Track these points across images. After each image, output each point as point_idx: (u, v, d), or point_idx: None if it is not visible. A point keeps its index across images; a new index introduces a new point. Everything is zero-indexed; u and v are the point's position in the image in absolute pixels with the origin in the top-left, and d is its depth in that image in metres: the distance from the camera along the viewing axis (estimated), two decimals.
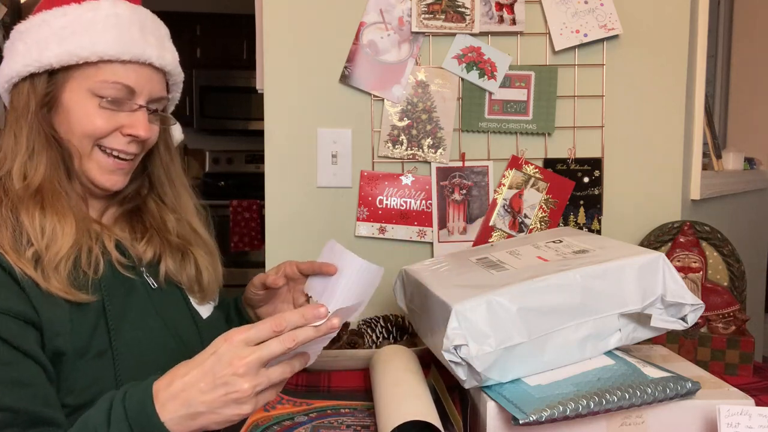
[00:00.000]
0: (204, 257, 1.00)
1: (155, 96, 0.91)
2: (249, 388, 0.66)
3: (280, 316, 0.69)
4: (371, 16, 1.42)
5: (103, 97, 0.85)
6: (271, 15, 1.43)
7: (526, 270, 0.95)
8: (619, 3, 1.42)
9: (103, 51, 0.84)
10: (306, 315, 0.69)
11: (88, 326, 0.82)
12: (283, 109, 1.44)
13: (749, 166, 2.35)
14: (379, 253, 1.43)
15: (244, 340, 0.68)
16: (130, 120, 0.88)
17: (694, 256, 1.35)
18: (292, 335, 0.68)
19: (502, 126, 1.44)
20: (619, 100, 1.46)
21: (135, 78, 0.87)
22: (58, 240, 0.81)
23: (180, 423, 0.68)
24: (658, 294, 0.91)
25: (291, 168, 1.46)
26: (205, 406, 0.67)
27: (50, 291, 0.79)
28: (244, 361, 0.66)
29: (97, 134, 0.86)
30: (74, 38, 0.83)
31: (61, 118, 0.86)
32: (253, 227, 3.80)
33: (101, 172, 0.89)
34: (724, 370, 1.20)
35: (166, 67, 0.91)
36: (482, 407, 0.86)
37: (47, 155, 0.85)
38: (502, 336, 0.85)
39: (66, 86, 0.85)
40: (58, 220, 0.82)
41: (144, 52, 0.87)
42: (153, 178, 0.99)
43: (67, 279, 0.81)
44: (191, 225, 1.01)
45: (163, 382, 0.70)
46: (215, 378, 0.67)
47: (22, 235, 0.80)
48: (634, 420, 0.84)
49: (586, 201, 1.46)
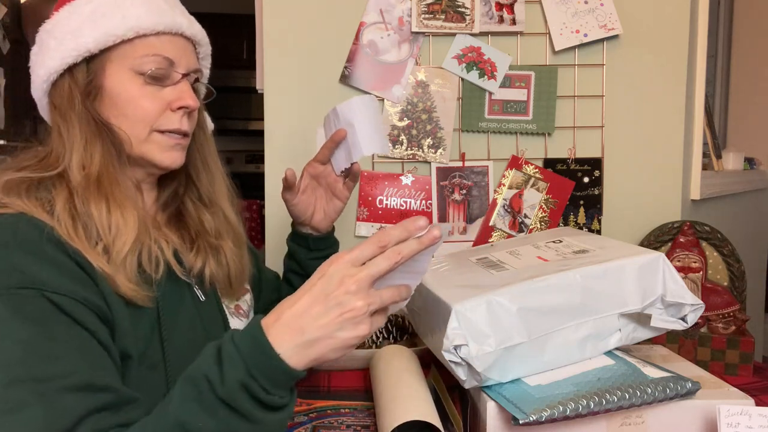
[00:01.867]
0: (231, 249, 0.97)
1: (192, 67, 0.90)
2: (363, 306, 0.63)
3: (383, 232, 0.66)
4: (371, 16, 1.42)
5: (144, 73, 0.84)
6: (271, 15, 1.43)
7: (526, 270, 0.95)
8: (619, 3, 1.42)
9: (137, 25, 0.83)
10: (408, 227, 0.66)
11: (143, 333, 0.80)
12: (283, 109, 1.44)
13: (749, 166, 2.35)
14: None
15: (350, 260, 0.65)
16: (175, 93, 0.87)
17: (694, 256, 1.35)
18: (397, 249, 0.65)
19: (502, 126, 1.44)
20: (619, 100, 1.46)
21: (171, 48, 0.86)
22: (122, 233, 0.80)
23: (296, 353, 0.64)
24: (658, 294, 0.91)
25: (291, 167, 1.46)
26: (321, 331, 0.64)
27: (118, 288, 0.77)
28: (355, 278, 0.64)
29: (148, 117, 0.85)
30: (106, 19, 0.83)
31: (108, 104, 0.85)
32: (253, 227, 3.80)
33: (161, 151, 0.87)
34: (724, 370, 1.20)
35: (196, 35, 0.91)
36: (482, 407, 0.86)
37: (100, 144, 0.83)
38: (502, 336, 0.85)
39: (106, 70, 0.84)
40: (121, 212, 0.81)
41: (174, 21, 0.86)
42: (188, 162, 0.96)
43: (134, 275, 0.79)
44: (224, 213, 0.99)
45: (271, 317, 0.66)
46: (327, 300, 0.64)
47: (92, 229, 0.79)
48: (634, 420, 0.84)
49: (586, 201, 1.46)
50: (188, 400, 0.64)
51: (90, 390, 0.67)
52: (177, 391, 0.66)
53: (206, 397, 0.64)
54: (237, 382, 0.63)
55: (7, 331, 0.67)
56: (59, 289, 0.71)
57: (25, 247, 0.72)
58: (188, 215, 0.96)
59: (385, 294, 0.66)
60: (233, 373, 0.63)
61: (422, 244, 0.66)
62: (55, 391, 0.65)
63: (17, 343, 0.67)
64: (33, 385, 0.65)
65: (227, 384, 0.63)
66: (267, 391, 0.64)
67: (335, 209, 1.10)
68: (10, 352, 0.66)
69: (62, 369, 0.67)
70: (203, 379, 0.64)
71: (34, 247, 0.73)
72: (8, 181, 0.79)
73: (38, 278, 0.71)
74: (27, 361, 0.66)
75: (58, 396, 0.65)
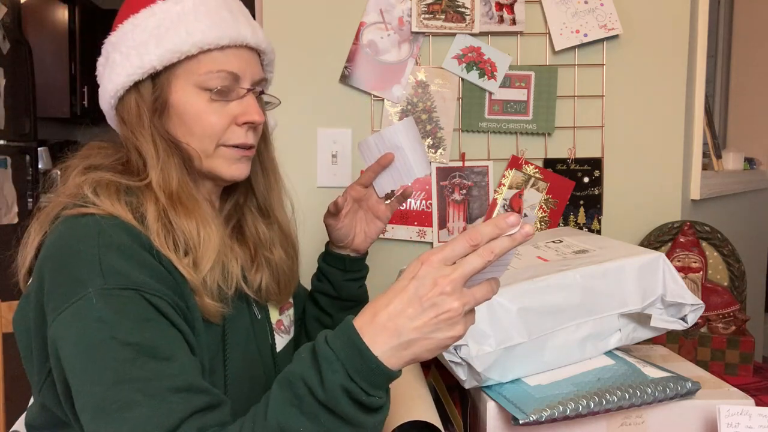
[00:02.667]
0: (283, 259, 0.97)
1: (257, 78, 0.88)
2: (459, 306, 0.62)
3: (474, 230, 0.64)
4: (371, 16, 1.42)
5: (210, 90, 0.83)
6: (271, 15, 1.43)
7: (526, 270, 0.95)
8: (619, 3, 1.42)
9: (201, 40, 0.81)
10: (499, 224, 0.63)
11: (211, 350, 0.81)
12: (283, 109, 1.44)
13: (749, 166, 2.35)
14: (380, 253, 1.43)
15: (442, 260, 0.63)
16: (241, 108, 0.86)
17: (694, 256, 1.35)
18: (490, 247, 0.62)
19: (502, 126, 1.44)
20: (619, 100, 1.46)
21: (236, 62, 0.85)
22: (208, 249, 0.80)
23: (393, 355, 0.63)
24: (658, 294, 0.91)
25: (291, 168, 1.45)
26: (417, 333, 0.63)
27: (203, 301, 0.78)
28: (449, 279, 0.62)
29: (215, 133, 0.84)
30: (170, 34, 0.81)
31: (175, 121, 0.84)
32: None
33: (228, 164, 0.87)
34: (724, 370, 1.20)
35: (261, 45, 0.89)
36: (482, 407, 0.86)
37: (174, 161, 0.83)
38: (502, 336, 0.85)
39: (172, 86, 0.83)
40: (205, 228, 0.81)
41: (239, 33, 0.84)
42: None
43: (216, 291, 0.80)
44: (279, 221, 0.98)
45: (365, 317, 0.65)
46: (422, 301, 0.62)
47: (181, 243, 0.79)
48: (634, 420, 0.84)
49: (586, 201, 1.46)
50: (287, 405, 0.64)
51: (192, 391, 0.68)
52: (274, 395, 0.65)
53: (306, 402, 0.63)
54: (338, 386, 0.62)
55: (114, 331, 0.68)
56: (156, 291, 0.72)
57: (122, 249, 0.73)
58: (248, 227, 0.95)
59: (478, 292, 0.65)
60: (333, 377, 0.62)
61: (515, 241, 0.63)
62: (162, 391, 0.66)
63: (124, 342, 0.67)
64: (141, 385, 0.66)
65: (328, 388, 0.62)
66: (367, 393, 0.63)
67: (376, 230, 1.08)
68: (117, 352, 0.67)
69: (168, 369, 0.68)
70: (301, 384, 0.64)
71: (131, 251, 0.73)
72: (100, 181, 0.79)
73: (137, 280, 0.71)
74: (135, 360, 0.67)
75: (164, 396, 0.66)
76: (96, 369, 0.67)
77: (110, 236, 0.73)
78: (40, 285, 0.74)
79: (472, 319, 0.66)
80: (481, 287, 0.65)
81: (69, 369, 0.69)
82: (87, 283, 0.70)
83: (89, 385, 0.67)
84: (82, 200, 0.77)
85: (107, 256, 0.71)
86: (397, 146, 1.01)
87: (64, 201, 0.78)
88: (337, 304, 1.10)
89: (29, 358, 0.79)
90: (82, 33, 4.17)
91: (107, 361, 0.67)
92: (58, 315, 0.70)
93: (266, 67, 0.94)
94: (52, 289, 0.72)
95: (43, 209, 0.81)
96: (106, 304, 0.69)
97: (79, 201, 0.77)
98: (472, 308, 0.65)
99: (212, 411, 0.69)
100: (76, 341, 0.68)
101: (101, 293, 0.69)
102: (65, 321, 0.69)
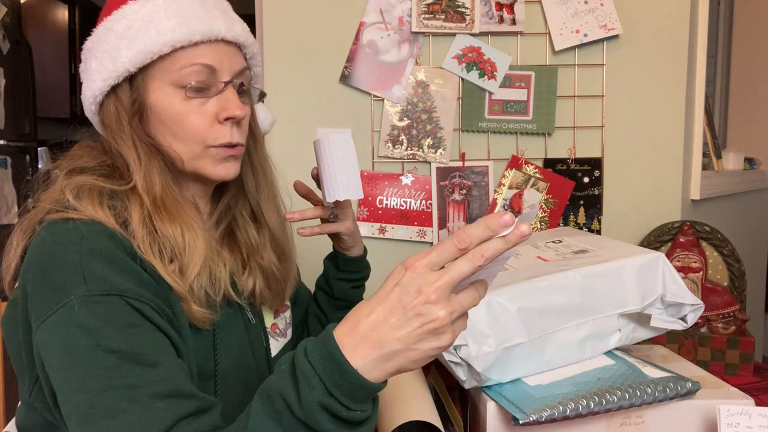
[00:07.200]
0: (273, 262, 0.94)
1: (236, 69, 0.86)
2: (446, 316, 0.58)
3: (463, 232, 0.59)
4: (371, 16, 1.42)
5: (186, 86, 0.81)
6: (271, 15, 1.43)
7: (525, 270, 0.95)
8: (619, 3, 1.42)
9: (172, 39, 0.80)
10: (491, 225, 0.58)
11: (200, 356, 0.80)
12: (283, 109, 1.44)
13: (749, 166, 2.35)
14: (379, 253, 1.43)
15: (427, 265, 0.59)
16: (221, 103, 0.83)
17: (694, 256, 1.35)
18: (480, 251, 0.58)
19: (502, 126, 1.44)
20: (619, 100, 1.46)
21: (211, 55, 0.83)
22: (193, 256, 0.79)
23: (375, 367, 0.60)
24: (658, 294, 0.91)
25: (291, 168, 1.46)
26: (401, 343, 0.59)
27: (189, 308, 0.77)
28: (435, 287, 0.58)
29: (199, 134, 0.83)
30: (141, 35, 0.80)
31: (155, 123, 0.83)
32: None
33: (214, 164, 0.85)
34: (724, 370, 1.20)
35: (238, 38, 0.86)
36: (482, 407, 0.86)
37: (156, 164, 0.82)
38: (502, 336, 0.85)
39: (148, 88, 0.82)
40: (191, 234, 0.80)
41: (212, 28, 0.82)
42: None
43: (203, 298, 0.79)
44: (269, 224, 0.96)
45: (345, 327, 0.61)
46: (405, 310, 0.58)
47: (166, 249, 0.78)
48: (634, 420, 0.84)
49: (586, 201, 1.46)
50: (267, 419, 0.62)
51: (179, 396, 0.67)
52: (255, 407, 0.64)
53: (285, 416, 0.61)
54: (316, 402, 0.59)
55: (98, 338, 0.67)
56: (140, 296, 0.71)
57: (104, 255, 0.72)
58: (239, 231, 0.94)
59: (465, 299, 0.61)
60: (311, 393, 0.60)
61: (509, 243, 0.58)
62: (148, 398, 0.65)
63: (108, 349, 0.67)
64: (126, 392, 0.65)
65: (305, 405, 0.60)
66: (348, 407, 0.60)
67: (340, 238, 1.05)
68: (102, 359, 0.66)
69: (154, 375, 0.67)
70: (280, 398, 0.62)
71: (113, 256, 0.73)
72: (82, 186, 0.78)
73: (120, 285, 0.71)
74: (120, 367, 0.66)
75: (150, 402, 0.65)
76: (81, 377, 0.66)
77: (92, 242, 0.72)
78: (24, 291, 0.74)
79: (462, 325, 0.63)
80: (468, 293, 0.61)
81: (54, 377, 0.69)
82: (69, 290, 0.69)
83: (74, 392, 0.66)
84: (64, 205, 0.76)
85: (89, 263, 0.71)
86: (332, 159, 0.93)
87: (48, 206, 0.77)
88: (331, 303, 1.10)
89: (19, 362, 0.79)
90: (82, 33, 4.17)
91: (92, 368, 0.66)
92: (42, 323, 0.69)
93: (250, 60, 0.91)
94: (36, 296, 0.72)
95: (26, 214, 0.80)
96: (88, 311, 0.68)
97: (61, 206, 0.76)
98: (460, 315, 0.61)
99: (201, 416, 0.68)
100: (60, 349, 0.68)
101: (84, 300, 0.68)
102: (49, 328, 0.69)
